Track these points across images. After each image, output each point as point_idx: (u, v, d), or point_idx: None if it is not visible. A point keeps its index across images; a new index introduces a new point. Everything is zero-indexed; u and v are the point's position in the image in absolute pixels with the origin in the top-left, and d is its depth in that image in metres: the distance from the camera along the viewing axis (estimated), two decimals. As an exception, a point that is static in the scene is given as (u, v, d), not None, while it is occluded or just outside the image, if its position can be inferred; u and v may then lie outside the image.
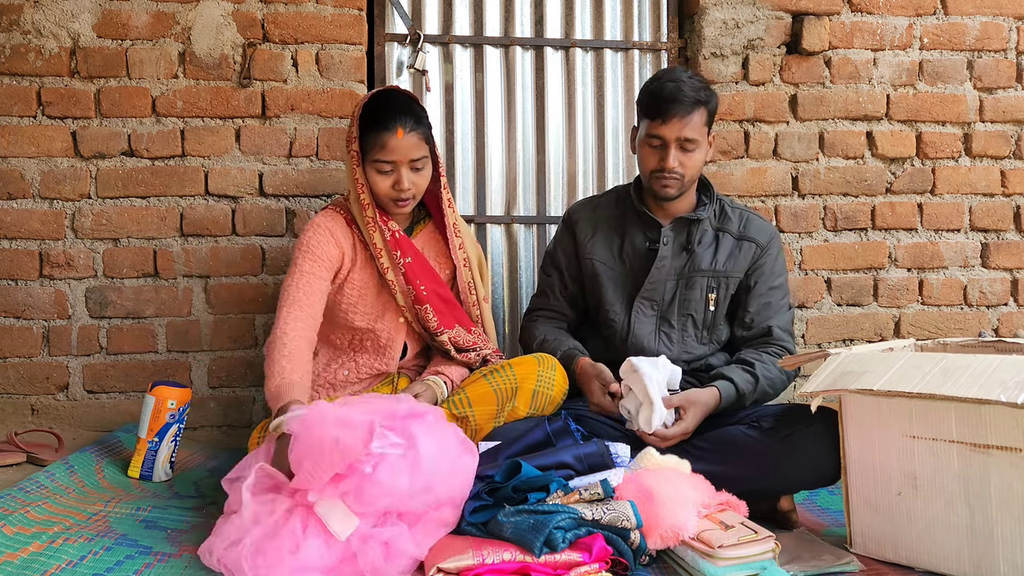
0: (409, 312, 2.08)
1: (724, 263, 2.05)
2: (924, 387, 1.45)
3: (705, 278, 2.05)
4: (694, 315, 2.06)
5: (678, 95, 1.93)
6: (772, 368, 1.96)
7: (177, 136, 2.46)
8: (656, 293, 2.06)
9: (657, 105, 1.96)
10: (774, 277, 2.07)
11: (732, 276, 2.05)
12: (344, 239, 2.03)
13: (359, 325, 2.06)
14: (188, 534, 1.61)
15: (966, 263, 2.83)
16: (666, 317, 2.07)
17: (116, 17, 2.42)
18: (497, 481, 1.51)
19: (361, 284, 2.06)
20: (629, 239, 2.10)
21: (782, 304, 2.07)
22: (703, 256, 2.05)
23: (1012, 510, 1.41)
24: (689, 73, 2.02)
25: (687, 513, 1.49)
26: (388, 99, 1.99)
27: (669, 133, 1.95)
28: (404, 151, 1.93)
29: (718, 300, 2.06)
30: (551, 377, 1.97)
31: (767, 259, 2.06)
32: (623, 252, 2.11)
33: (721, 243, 2.06)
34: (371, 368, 2.11)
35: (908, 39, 2.78)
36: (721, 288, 2.06)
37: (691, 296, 2.05)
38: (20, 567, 1.36)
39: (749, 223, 2.08)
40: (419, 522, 1.46)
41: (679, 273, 2.06)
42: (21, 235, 2.41)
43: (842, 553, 1.58)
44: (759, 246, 2.06)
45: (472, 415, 1.94)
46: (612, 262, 2.11)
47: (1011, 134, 2.83)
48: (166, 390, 2.01)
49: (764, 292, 2.05)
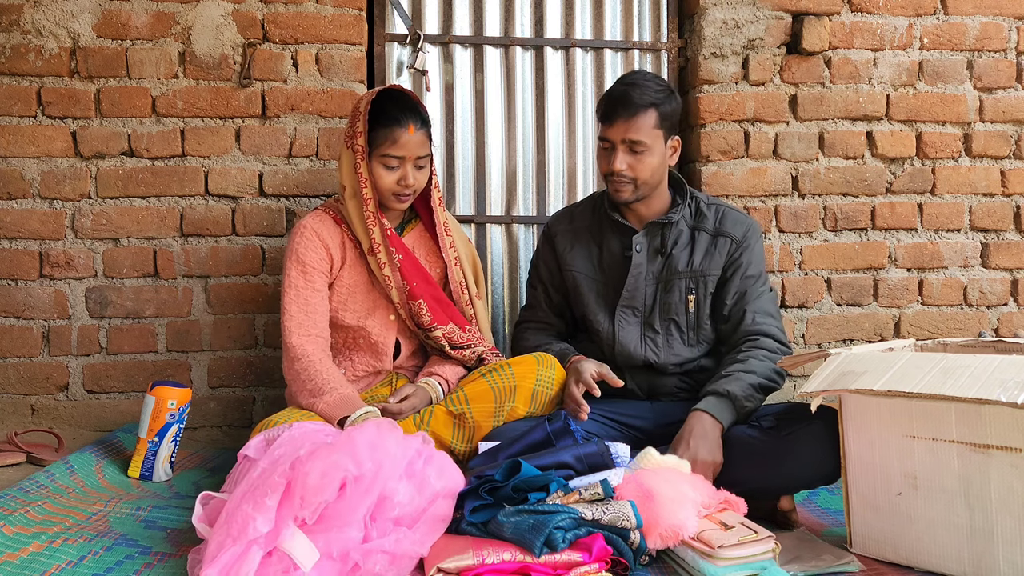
0: (403, 308, 2.09)
1: (700, 262, 2.03)
2: (924, 387, 1.45)
3: (683, 280, 2.03)
4: (676, 318, 2.05)
5: (624, 97, 1.94)
6: (752, 361, 1.91)
7: (177, 136, 2.46)
8: (636, 300, 2.05)
9: (604, 107, 1.98)
10: (751, 267, 2.04)
11: (709, 275, 2.04)
12: (331, 239, 2.05)
13: (349, 323, 2.08)
14: (188, 534, 1.61)
15: (966, 263, 2.82)
16: (649, 323, 2.06)
17: (116, 17, 2.42)
18: (497, 481, 1.51)
19: (350, 283, 2.08)
20: (606, 247, 2.10)
21: (760, 291, 2.03)
22: (679, 258, 2.04)
23: (1012, 510, 1.41)
24: (650, 76, 2.01)
25: (687, 513, 1.49)
26: (397, 97, 2.03)
27: (615, 135, 1.95)
28: (413, 148, 1.99)
29: (698, 300, 2.04)
30: (550, 376, 1.97)
31: (743, 253, 2.04)
32: (601, 261, 2.10)
33: (697, 242, 2.05)
34: (368, 366, 2.12)
35: (908, 39, 2.78)
36: (700, 288, 2.04)
37: (671, 300, 2.04)
38: (20, 567, 1.36)
39: (724, 218, 2.06)
40: (418, 521, 1.46)
41: (657, 277, 2.05)
42: (21, 235, 2.41)
43: (842, 553, 1.57)
44: (734, 241, 2.04)
45: (469, 412, 1.94)
46: (592, 272, 2.11)
47: (1011, 134, 2.83)
48: (166, 390, 2.01)
49: (740, 282, 2.03)
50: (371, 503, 1.41)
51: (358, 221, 2.04)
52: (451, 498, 1.51)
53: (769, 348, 1.95)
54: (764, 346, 1.96)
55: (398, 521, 1.44)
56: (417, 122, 2.00)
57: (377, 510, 1.42)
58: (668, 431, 1.97)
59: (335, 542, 1.37)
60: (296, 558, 1.33)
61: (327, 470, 1.38)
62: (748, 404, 1.86)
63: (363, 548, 1.37)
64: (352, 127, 2.03)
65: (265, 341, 2.50)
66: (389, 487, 1.44)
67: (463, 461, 1.96)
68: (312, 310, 2.00)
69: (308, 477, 1.37)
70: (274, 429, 1.69)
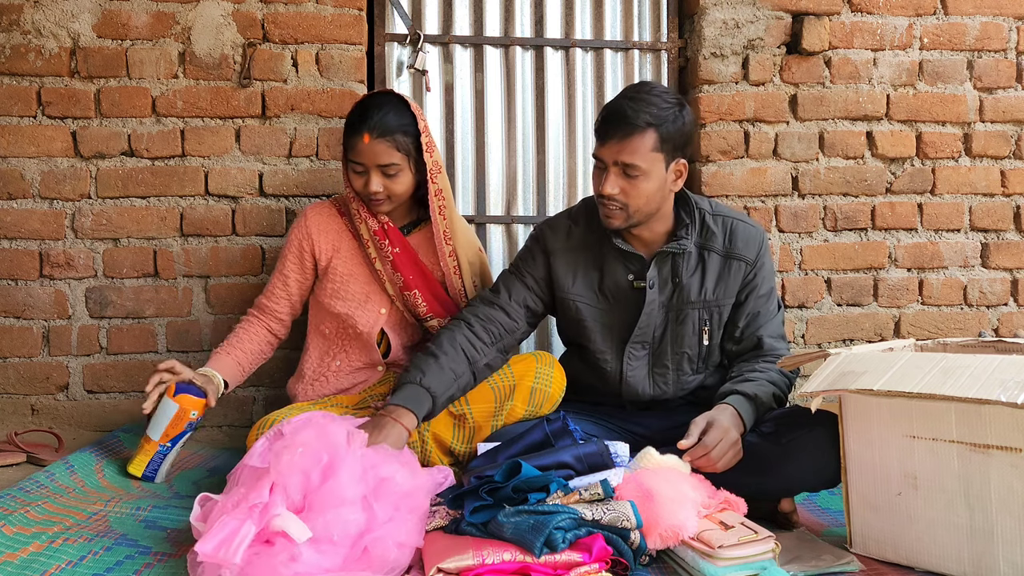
0: (399, 300, 2.11)
1: (714, 290, 1.90)
2: (924, 387, 1.45)
3: (696, 310, 1.91)
4: (688, 351, 1.93)
5: (620, 114, 1.76)
6: (771, 371, 1.86)
7: (177, 136, 2.46)
8: (646, 335, 1.93)
9: (600, 122, 1.82)
10: (763, 284, 1.94)
11: (724, 303, 1.91)
12: (324, 229, 2.10)
13: (339, 311, 2.10)
14: (188, 534, 1.60)
15: (966, 263, 2.82)
16: (659, 358, 1.95)
17: (116, 17, 2.42)
18: (497, 481, 1.51)
19: (345, 272, 2.10)
20: (608, 273, 1.93)
21: (771, 310, 1.94)
22: (690, 285, 1.90)
23: (1012, 510, 1.41)
24: (657, 91, 1.81)
25: (687, 513, 1.49)
26: (370, 103, 1.99)
27: (607, 155, 1.78)
28: (371, 156, 1.95)
29: (711, 331, 1.92)
30: (549, 375, 1.98)
31: (757, 273, 1.93)
32: (603, 287, 1.94)
33: (708, 265, 1.90)
34: (361, 359, 2.14)
35: (908, 39, 2.78)
36: (714, 318, 1.92)
37: (683, 332, 1.92)
38: (20, 567, 1.36)
39: (734, 235, 1.91)
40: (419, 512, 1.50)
41: (667, 306, 1.92)
42: (21, 235, 2.41)
43: (842, 553, 1.57)
44: (748, 263, 1.91)
45: (470, 413, 1.94)
46: (595, 300, 1.95)
47: (1011, 134, 2.83)
48: (190, 400, 1.94)
49: (753, 303, 1.93)
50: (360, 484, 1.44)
51: (352, 215, 2.09)
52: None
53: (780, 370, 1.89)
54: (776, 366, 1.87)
55: (397, 505, 1.47)
56: (376, 131, 1.93)
57: (378, 491, 1.45)
58: (669, 434, 1.96)
59: (333, 524, 1.38)
60: (291, 532, 1.35)
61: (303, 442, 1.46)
62: (762, 412, 1.80)
63: (372, 536, 1.40)
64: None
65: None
66: (386, 469, 1.48)
67: (463, 462, 1.96)
68: (270, 291, 2.14)
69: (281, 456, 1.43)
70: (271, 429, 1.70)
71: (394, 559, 1.40)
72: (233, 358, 2.06)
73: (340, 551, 1.37)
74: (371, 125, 1.94)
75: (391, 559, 1.39)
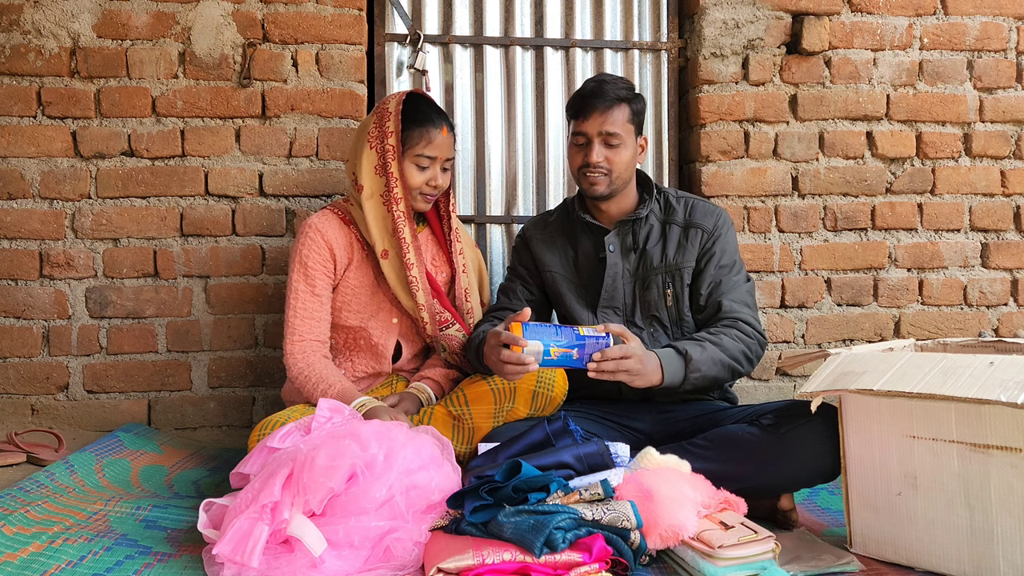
0: (417, 309, 2.07)
1: (674, 256, 2.04)
2: (924, 387, 1.45)
3: (659, 275, 2.04)
4: (657, 314, 2.05)
5: (597, 91, 1.97)
6: (723, 334, 1.92)
7: (177, 136, 2.46)
8: (616, 300, 2.06)
9: (578, 102, 2.00)
10: (724, 256, 2.04)
11: (684, 267, 2.04)
12: (338, 240, 2.05)
13: (351, 324, 2.08)
14: (188, 534, 1.61)
15: (966, 263, 2.82)
16: (632, 321, 2.06)
17: (116, 17, 2.42)
18: (497, 481, 1.51)
19: (355, 284, 2.07)
20: (581, 249, 2.11)
21: (735, 281, 2.03)
22: (653, 253, 2.05)
23: (1012, 510, 1.41)
24: (617, 76, 2.05)
25: (687, 513, 1.49)
26: (427, 100, 2.07)
27: (591, 128, 1.97)
28: (445, 149, 2.04)
29: (676, 294, 2.04)
30: (551, 378, 1.97)
31: (715, 242, 2.04)
32: (577, 262, 2.11)
33: (669, 236, 2.05)
34: (367, 367, 2.12)
35: (908, 39, 2.78)
36: (676, 282, 2.04)
37: (649, 296, 2.04)
38: (20, 567, 1.36)
39: (694, 210, 2.07)
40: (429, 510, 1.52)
41: (633, 275, 2.06)
42: (21, 235, 2.41)
43: (842, 553, 1.57)
44: (705, 231, 2.04)
45: (468, 414, 1.94)
46: (569, 273, 2.12)
47: (1011, 134, 2.83)
48: None
49: (714, 272, 2.02)
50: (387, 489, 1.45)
51: (374, 222, 2.02)
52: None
53: (744, 331, 1.95)
54: (739, 328, 1.95)
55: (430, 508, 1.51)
56: (448, 124, 2.06)
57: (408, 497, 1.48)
58: (668, 432, 1.97)
59: (354, 531, 1.41)
60: (307, 543, 1.37)
61: (335, 455, 1.44)
62: (699, 374, 1.84)
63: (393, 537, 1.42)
64: (380, 127, 2.01)
65: (265, 341, 2.50)
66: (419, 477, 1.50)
67: (462, 462, 1.96)
68: (310, 315, 2.01)
69: (315, 461, 1.43)
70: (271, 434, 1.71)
71: (415, 557, 1.44)
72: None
73: (361, 554, 1.41)
74: (446, 119, 2.06)
75: (411, 558, 1.44)
